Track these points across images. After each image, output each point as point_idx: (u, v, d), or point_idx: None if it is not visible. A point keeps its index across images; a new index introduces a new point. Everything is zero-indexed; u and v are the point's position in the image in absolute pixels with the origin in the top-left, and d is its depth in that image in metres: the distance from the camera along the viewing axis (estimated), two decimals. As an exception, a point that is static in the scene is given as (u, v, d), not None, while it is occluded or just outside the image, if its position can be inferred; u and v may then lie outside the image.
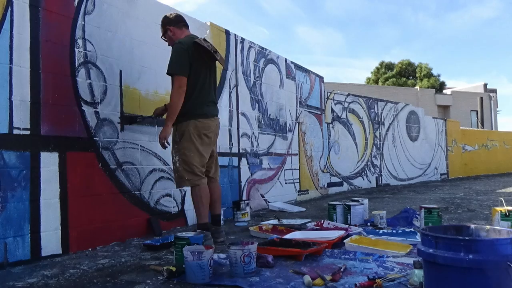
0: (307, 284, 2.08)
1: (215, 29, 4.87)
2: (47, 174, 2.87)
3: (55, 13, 2.99)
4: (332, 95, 7.98)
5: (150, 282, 2.24)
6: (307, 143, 6.89)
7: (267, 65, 5.88)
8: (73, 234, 3.01)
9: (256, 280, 2.20)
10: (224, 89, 4.91)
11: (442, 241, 1.56)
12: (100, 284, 2.24)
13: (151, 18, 3.82)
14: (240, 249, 2.26)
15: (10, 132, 2.67)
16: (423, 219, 3.57)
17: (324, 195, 7.28)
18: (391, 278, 2.12)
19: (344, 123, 8.28)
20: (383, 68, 33.85)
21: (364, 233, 3.28)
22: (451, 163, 12.40)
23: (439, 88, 30.59)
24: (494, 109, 27.51)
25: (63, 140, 3.00)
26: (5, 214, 2.60)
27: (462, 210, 4.95)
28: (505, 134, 16.09)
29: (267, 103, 5.83)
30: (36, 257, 2.75)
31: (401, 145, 10.23)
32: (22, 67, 2.76)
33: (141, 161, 3.66)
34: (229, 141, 4.96)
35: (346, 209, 3.91)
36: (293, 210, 5.27)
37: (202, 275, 2.18)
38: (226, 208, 4.57)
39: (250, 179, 5.31)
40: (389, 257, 2.60)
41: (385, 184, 9.45)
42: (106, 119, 3.34)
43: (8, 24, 2.70)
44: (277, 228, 3.58)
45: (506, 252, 1.49)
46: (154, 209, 3.76)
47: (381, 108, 9.62)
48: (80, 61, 3.17)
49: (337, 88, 9.17)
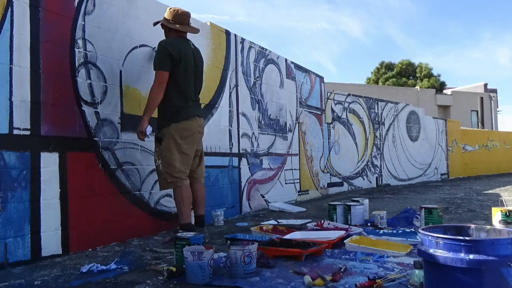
0: (308, 284, 2.08)
1: (215, 29, 4.87)
2: (47, 174, 2.86)
3: (55, 13, 2.99)
4: (332, 95, 7.98)
5: (150, 282, 2.24)
6: (307, 143, 6.89)
7: (267, 65, 5.88)
8: (73, 234, 3.01)
9: (256, 280, 2.19)
10: (224, 89, 4.91)
11: (443, 241, 1.56)
12: (100, 284, 2.24)
13: (151, 18, 3.81)
14: (240, 249, 2.26)
15: (10, 132, 2.67)
16: (423, 219, 3.57)
17: (324, 195, 7.28)
18: (391, 278, 2.12)
19: (344, 123, 8.28)
20: (383, 68, 33.83)
21: (364, 233, 3.28)
22: (452, 163, 12.39)
23: (439, 88, 30.57)
24: (495, 109, 27.51)
25: (63, 140, 3.00)
26: (5, 214, 2.60)
27: (462, 210, 4.95)
28: (506, 134, 16.07)
29: (267, 103, 5.83)
30: (36, 258, 2.75)
31: (401, 145, 10.23)
32: (22, 67, 2.76)
33: (141, 161, 3.66)
34: (229, 141, 4.95)
35: (346, 209, 3.91)
36: (293, 210, 5.26)
37: (202, 275, 2.18)
38: (226, 208, 4.57)
39: (250, 179, 5.31)
40: (390, 257, 2.60)
41: (386, 184, 9.44)
42: (106, 120, 3.34)
43: (8, 24, 2.70)
44: (277, 228, 3.58)
45: (506, 252, 1.49)
46: (154, 209, 3.76)
47: (381, 108, 9.61)
48: (80, 61, 3.16)
49: (337, 88, 9.17)
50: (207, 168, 4.54)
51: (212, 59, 4.75)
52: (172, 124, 3.23)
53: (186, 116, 3.26)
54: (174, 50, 3.22)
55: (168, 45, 3.25)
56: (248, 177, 5.28)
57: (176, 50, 3.23)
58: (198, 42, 4.50)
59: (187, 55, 3.31)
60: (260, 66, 5.71)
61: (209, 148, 4.58)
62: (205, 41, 4.60)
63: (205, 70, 4.61)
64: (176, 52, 3.22)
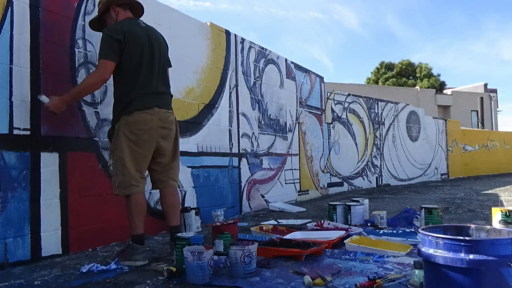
0: (307, 284, 2.08)
1: (215, 29, 4.87)
2: (47, 175, 2.86)
3: (55, 13, 2.99)
4: (332, 95, 7.98)
5: (150, 283, 2.24)
6: (307, 143, 6.89)
7: (267, 65, 5.88)
8: (73, 234, 3.01)
9: (256, 280, 2.19)
10: (224, 89, 4.91)
11: (443, 241, 1.56)
12: (100, 284, 2.24)
13: (151, 18, 3.81)
14: (240, 249, 2.26)
15: (10, 132, 2.67)
16: (423, 219, 3.57)
17: (324, 195, 7.28)
18: (391, 278, 2.12)
19: (344, 123, 8.28)
20: (383, 68, 33.83)
21: (364, 233, 3.28)
22: (452, 163, 12.39)
23: (439, 88, 30.57)
24: (495, 109, 27.51)
25: (63, 140, 3.00)
26: (5, 215, 2.60)
27: (462, 210, 4.95)
28: (506, 134, 16.08)
29: (267, 103, 5.83)
30: (36, 258, 2.75)
31: (401, 145, 10.23)
32: (22, 67, 2.76)
33: (141, 161, 3.65)
34: (229, 141, 4.95)
35: (346, 209, 3.91)
36: (293, 210, 5.26)
37: (202, 276, 2.18)
38: (226, 208, 4.57)
39: (250, 179, 5.31)
40: (390, 257, 2.60)
41: (386, 184, 9.44)
42: (106, 119, 3.34)
43: (8, 24, 2.70)
44: (277, 228, 3.58)
45: (507, 252, 1.49)
46: (154, 209, 3.76)
47: (381, 108, 9.61)
48: (80, 62, 3.16)
49: (337, 88, 9.16)
50: (208, 168, 4.54)
51: (212, 59, 4.75)
52: (122, 117, 2.70)
53: (139, 106, 2.68)
54: (119, 34, 2.67)
55: (112, 31, 2.69)
56: (248, 177, 5.28)
57: (125, 32, 2.69)
58: (198, 42, 4.51)
59: (140, 37, 2.76)
60: (260, 66, 5.71)
61: (209, 148, 4.58)
62: (205, 41, 4.60)
63: (205, 70, 4.63)
64: (127, 36, 2.68)
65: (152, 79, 2.78)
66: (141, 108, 2.69)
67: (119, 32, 2.68)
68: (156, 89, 2.78)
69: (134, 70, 2.73)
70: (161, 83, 2.85)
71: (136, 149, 2.70)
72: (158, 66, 2.82)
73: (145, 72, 2.75)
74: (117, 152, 2.70)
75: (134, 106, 2.68)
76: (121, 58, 2.69)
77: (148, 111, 2.71)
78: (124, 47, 2.68)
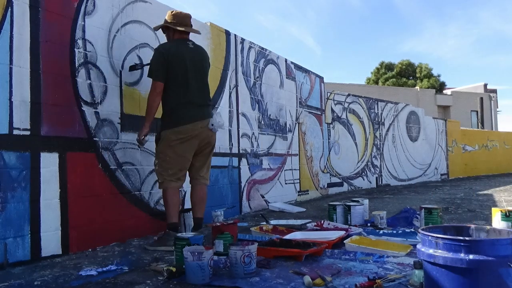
0: (307, 284, 2.08)
1: (215, 30, 4.87)
2: (47, 175, 2.86)
3: (55, 14, 2.99)
4: (332, 95, 7.98)
5: (150, 283, 2.24)
6: (307, 143, 6.89)
7: (267, 66, 5.88)
8: (73, 234, 3.01)
9: (256, 280, 2.19)
10: (224, 89, 4.91)
11: (442, 241, 1.56)
12: (100, 285, 2.24)
13: (151, 19, 3.82)
14: (240, 249, 2.26)
15: (10, 132, 2.67)
16: (423, 220, 3.57)
17: (324, 195, 7.28)
18: (391, 278, 2.12)
19: (344, 124, 8.28)
20: (383, 68, 33.86)
21: (364, 234, 3.28)
22: (451, 163, 12.39)
23: (439, 88, 30.59)
24: (494, 109, 27.52)
25: (63, 141, 3.00)
26: (5, 215, 2.60)
27: (462, 210, 4.95)
28: (505, 134, 16.08)
29: (267, 104, 5.83)
30: (36, 258, 2.75)
31: (401, 145, 10.23)
32: (22, 67, 2.76)
33: (141, 162, 3.66)
34: (229, 142, 4.95)
35: (346, 210, 3.91)
36: (293, 211, 5.26)
37: (202, 276, 2.18)
38: (226, 208, 4.57)
39: (250, 179, 5.31)
40: (389, 257, 2.60)
41: (385, 184, 9.44)
42: (106, 120, 3.34)
43: (8, 24, 2.70)
44: (277, 228, 3.58)
45: (506, 252, 1.49)
46: (154, 209, 3.76)
47: (381, 108, 9.61)
48: (80, 62, 3.16)
49: (337, 88, 9.17)
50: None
51: (212, 59, 4.73)
52: (168, 126, 3.22)
53: (183, 120, 3.20)
54: (169, 54, 3.17)
55: (163, 50, 3.21)
56: (248, 177, 5.28)
57: (171, 54, 3.18)
58: (198, 43, 4.51)
59: (185, 57, 3.23)
60: (260, 66, 5.71)
61: (209, 148, 4.58)
62: (205, 41, 4.60)
63: (205, 70, 4.63)
64: (172, 56, 3.17)
65: (194, 93, 3.26)
66: (185, 122, 3.19)
67: (170, 53, 3.18)
68: (199, 102, 3.28)
69: (179, 86, 3.21)
70: (202, 96, 3.34)
71: (180, 151, 3.21)
72: (201, 83, 3.34)
73: (188, 88, 3.23)
74: (162, 155, 3.23)
75: (178, 119, 3.19)
76: (168, 77, 3.19)
77: (191, 122, 3.21)
78: (169, 65, 3.17)
